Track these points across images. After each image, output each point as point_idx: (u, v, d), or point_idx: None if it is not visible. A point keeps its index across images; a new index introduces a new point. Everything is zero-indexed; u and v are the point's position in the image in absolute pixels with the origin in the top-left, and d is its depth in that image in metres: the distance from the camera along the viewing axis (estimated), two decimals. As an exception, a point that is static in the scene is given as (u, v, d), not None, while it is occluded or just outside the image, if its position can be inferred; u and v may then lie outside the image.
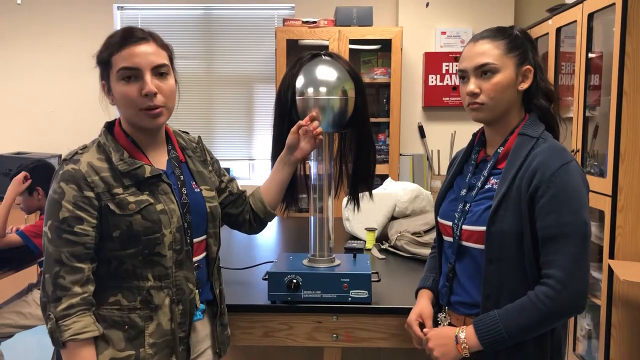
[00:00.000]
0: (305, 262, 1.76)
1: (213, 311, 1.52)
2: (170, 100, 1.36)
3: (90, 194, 1.30)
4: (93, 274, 1.32)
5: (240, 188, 1.70)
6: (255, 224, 1.70)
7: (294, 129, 1.61)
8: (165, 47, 1.38)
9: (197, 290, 1.42)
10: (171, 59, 1.40)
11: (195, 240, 1.43)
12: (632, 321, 2.65)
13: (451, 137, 4.28)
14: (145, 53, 1.32)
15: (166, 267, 1.35)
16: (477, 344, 1.36)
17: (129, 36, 1.32)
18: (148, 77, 1.31)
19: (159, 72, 1.33)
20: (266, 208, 1.67)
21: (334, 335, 1.70)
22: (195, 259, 1.43)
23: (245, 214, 1.67)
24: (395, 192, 2.61)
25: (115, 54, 1.32)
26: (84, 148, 1.37)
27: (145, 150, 1.40)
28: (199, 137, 1.59)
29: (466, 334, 1.37)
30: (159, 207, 1.35)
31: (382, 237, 2.50)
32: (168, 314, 1.36)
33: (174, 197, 1.38)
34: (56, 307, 1.27)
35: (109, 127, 1.42)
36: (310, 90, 1.64)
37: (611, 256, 2.66)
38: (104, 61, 1.34)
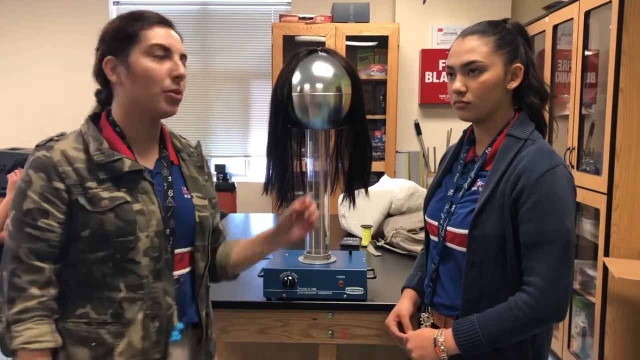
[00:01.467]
0: (300, 259, 1.76)
1: (197, 336, 1.35)
2: (183, 91, 1.29)
3: (60, 186, 1.17)
4: (57, 277, 1.20)
5: (221, 228, 1.51)
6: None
7: (288, 213, 1.41)
8: None
9: (176, 306, 1.27)
10: None
11: (177, 250, 1.29)
12: (627, 318, 2.66)
13: (447, 134, 4.28)
14: (177, 39, 1.27)
15: (140, 276, 1.21)
16: (454, 348, 1.34)
17: (163, 18, 1.26)
18: (178, 60, 1.25)
19: (183, 63, 1.28)
20: (228, 264, 1.46)
21: (330, 332, 1.70)
22: (177, 272, 1.29)
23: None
24: (391, 189, 2.61)
25: (147, 29, 1.22)
26: (61, 135, 1.26)
27: (132, 144, 1.27)
28: (198, 142, 1.46)
29: (444, 337, 1.36)
30: (137, 206, 1.21)
31: (378, 234, 2.50)
32: (140, 330, 1.21)
33: (155, 197, 1.25)
34: (9, 309, 1.15)
35: (94, 118, 1.29)
36: (307, 86, 1.63)
37: (606, 254, 2.67)
38: (130, 33, 1.22)
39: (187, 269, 1.33)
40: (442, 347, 1.35)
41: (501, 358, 1.34)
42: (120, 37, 1.23)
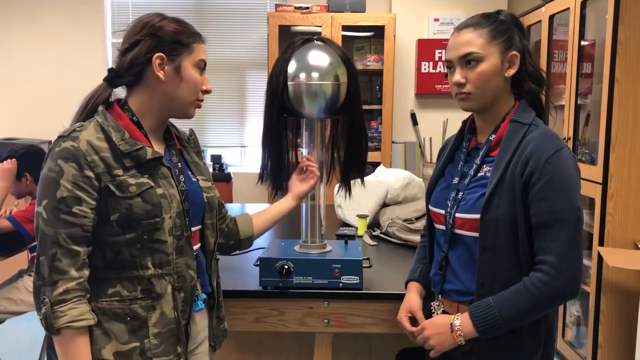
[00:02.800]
0: (296, 248, 1.76)
1: (210, 304, 1.50)
2: None
3: (90, 174, 1.25)
4: (88, 259, 1.28)
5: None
6: (227, 241, 1.66)
7: (297, 169, 1.74)
8: None
9: (198, 279, 1.40)
10: None
11: (192, 229, 1.41)
12: (621, 307, 2.68)
13: (443, 124, 4.28)
14: None
15: (167, 253, 1.32)
16: (472, 331, 1.36)
17: (203, 37, 1.43)
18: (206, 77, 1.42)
19: None
20: (253, 235, 1.69)
21: (325, 320, 1.71)
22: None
23: (222, 224, 1.64)
24: (387, 179, 2.61)
25: (198, 43, 1.39)
26: (82, 126, 1.30)
27: (147, 134, 1.38)
28: (191, 130, 1.56)
29: (461, 321, 1.38)
30: (159, 191, 1.31)
31: (374, 224, 2.51)
32: (171, 302, 1.33)
33: (174, 181, 1.36)
34: (52, 291, 1.22)
35: (107, 108, 1.36)
36: (303, 75, 1.63)
37: (601, 243, 2.68)
38: (186, 43, 1.36)
39: (198, 245, 1.45)
40: (460, 332, 1.37)
41: (517, 337, 1.37)
42: (177, 42, 1.35)
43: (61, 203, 1.24)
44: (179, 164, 1.42)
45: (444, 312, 1.50)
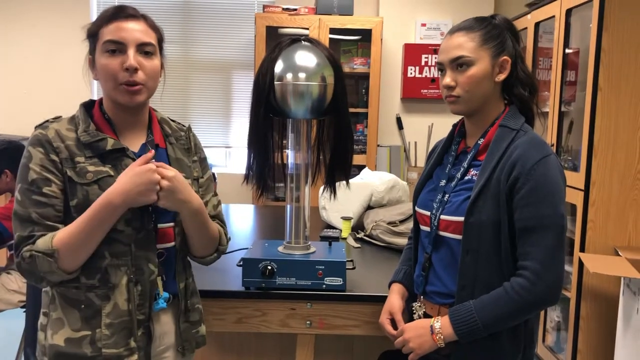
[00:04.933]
0: (280, 249, 1.76)
1: (178, 307, 1.45)
2: (151, 79, 1.35)
3: (55, 158, 1.30)
4: None
5: (218, 216, 1.55)
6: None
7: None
8: (156, 29, 1.39)
9: (159, 276, 1.37)
10: (160, 42, 1.41)
11: (161, 225, 1.38)
12: (600, 313, 2.71)
13: (428, 129, 4.30)
14: (133, 29, 1.33)
15: (124, 243, 1.32)
16: (452, 334, 1.37)
17: (120, 11, 1.34)
18: (131, 52, 1.31)
19: (144, 50, 1.34)
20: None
21: (308, 322, 1.70)
22: (161, 245, 1.39)
23: None
24: (371, 181, 2.62)
25: (103, 27, 1.33)
26: (57, 118, 1.38)
27: (120, 131, 1.38)
28: (189, 126, 1.55)
29: (441, 323, 1.38)
30: None
31: (358, 226, 2.51)
32: (125, 293, 1.32)
33: None
34: (28, 244, 1.26)
35: (88, 104, 1.41)
36: (289, 75, 1.62)
37: (582, 249, 2.71)
38: (93, 34, 1.35)
39: (172, 244, 1.42)
40: (440, 335, 1.38)
41: (496, 342, 1.37)
42: (90, 38, 1.36)
43: (32, 185, 1.28)
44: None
45: (425, 313, 1.50)
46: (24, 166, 1.30)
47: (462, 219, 1.38)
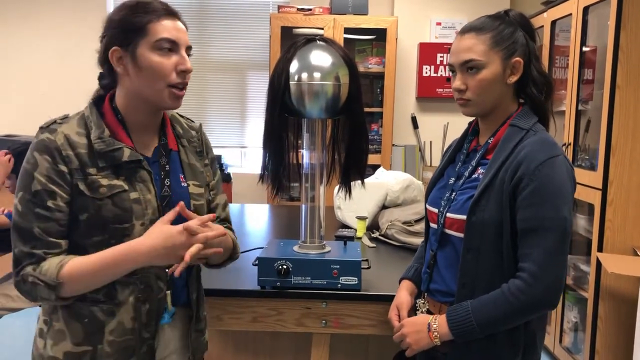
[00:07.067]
0: (295, 248, 1.76)
1: (188, 315, 1.40)
2: (187, 84, 1.31)
3: (64, 169, 1.20)
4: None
5: (227, 218, 1.53)
6: None
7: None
8: None
9: (168, 292, 1.31)
10: None
11: None
12: (618, 313, 2.68)
13: (444, 128, 4.28)
14: (184, 31, 1.28)
15: None
16: (447, 333, 1.36)
17: (170, 9, 1.27)
18: (185, 53, 1.26)
19: (188, 54, 1.29)
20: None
21: (323, 321, 1.71)
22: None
23: None
24: (386, 181, 2.61)
25: (155, 22, 1.23)
26: (65, 118, 1.27)
27: (133, 132, 1.29)
28: (200, 124, 1.48)
29: (438, 322, 1.38)
30: (134, 195, 1.24)
31: (373, 226, 2.50)
32: (131, 312, 1.25)
33: (153, 186, 1.28)
34: (31, 264, 1.18)
35: (97, 101, 1.30)
36: (304, 75, 1.62)
37: (600, 249, 2.68)
38: (138, 26, 1.22)
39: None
40: (436, 333, 1.37)
41: (492, 344, 1.36)
42: (127, 29, 1.23)
43: (35, 197, 1.19)
44: (168, 166, 1.33)
45: (428, 310, 1.50)
46: (27, 173, 1.20)
47: (464, 217, 1.37)
